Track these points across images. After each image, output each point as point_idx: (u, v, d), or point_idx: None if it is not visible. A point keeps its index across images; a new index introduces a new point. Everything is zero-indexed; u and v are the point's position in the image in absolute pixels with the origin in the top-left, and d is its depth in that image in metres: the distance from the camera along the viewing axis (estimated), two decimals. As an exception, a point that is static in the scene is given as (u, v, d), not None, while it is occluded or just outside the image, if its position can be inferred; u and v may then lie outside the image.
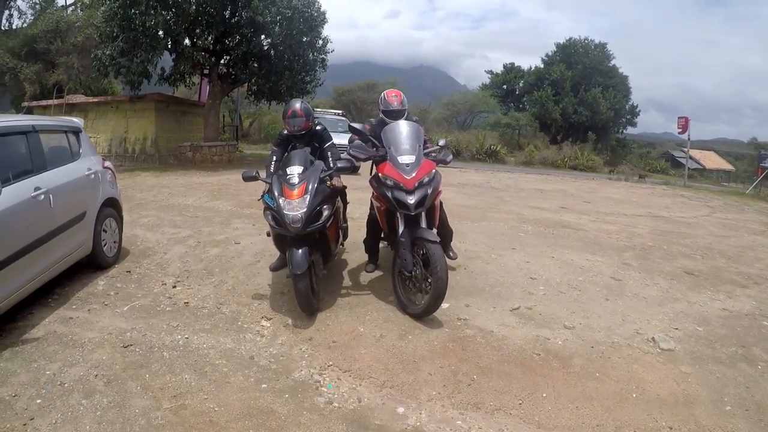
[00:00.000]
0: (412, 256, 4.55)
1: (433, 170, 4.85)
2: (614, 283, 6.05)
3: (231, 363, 3.70)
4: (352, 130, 5.46)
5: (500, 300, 5.25)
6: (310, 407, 3.24)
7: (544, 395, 3.57)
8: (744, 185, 29.62)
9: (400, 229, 4.66)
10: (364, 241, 5.79)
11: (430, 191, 4.66)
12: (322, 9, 17.49)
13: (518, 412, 3.37)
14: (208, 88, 18.62)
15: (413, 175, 4.66)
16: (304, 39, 17.12)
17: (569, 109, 40.61)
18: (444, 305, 4.82)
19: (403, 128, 5.03)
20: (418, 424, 3.16)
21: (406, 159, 4.77)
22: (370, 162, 5.53)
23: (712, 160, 50.54)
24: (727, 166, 49.80)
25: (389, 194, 4.61)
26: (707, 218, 13.03)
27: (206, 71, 18.17)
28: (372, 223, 5.55)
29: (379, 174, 4.82)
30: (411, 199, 4.56)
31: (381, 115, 5.51)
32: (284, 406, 3.24)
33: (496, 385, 3.64)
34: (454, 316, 4.73)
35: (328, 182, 4.73)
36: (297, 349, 3.95)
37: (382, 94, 5.62)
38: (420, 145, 4.94)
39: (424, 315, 4.50)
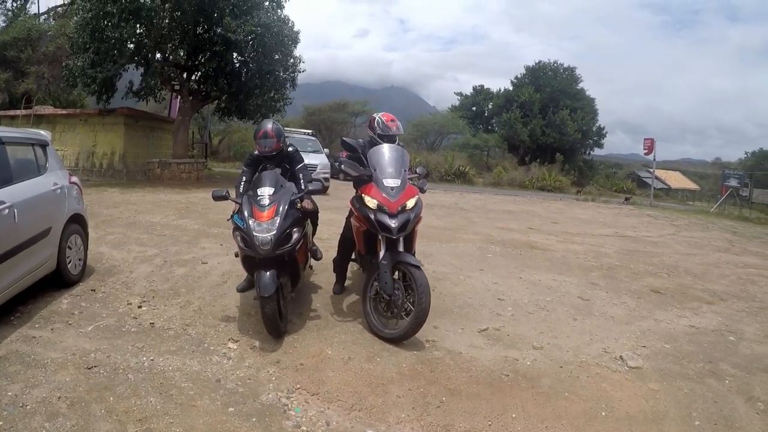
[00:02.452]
0: (392, 280, 4.52)
1: (417, 196, 4.89)
2: (582, 303, 6.12)
3: (197, 386, 3.62)
4: (344, 145, 5.47)
5: (468, 321, 5.27)
6: (278, 431, 3.19)
7: (514, 416, 3.57)
8: (709, 204, 30.49)
9: (381, 252, 4.62)
10: (334, 261, 5.72)
11: (412, 216, 4.69)
12: (295, 28, 17.56)
13: (488, 434, 3.36)
14: (178, 104, 18.47)
15: (397, 198, 4.67)
16: (276, 57, 17.13)
17: (537, 131, 41.47)
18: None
19: (389, 151, 5.02)
20: (387, 447, 3.12)
21: (391, 182, 4.78)
22: (350, 182, 5.65)
23: (678, 180, 51.81)
24: (692, 186, 51.13)
25: (372, 216, 4.59)
26: (673, 237, 13.34)
27: (177, 87, 18.03)
28: (345, 243, 5.49)
29: (363, 195, 4.78)
30: (394, 223, 4.55)
31: (374, 137, 5.36)
32: (252, 430, 3.17)
33: (465, 406, 3.63)
34: (423, 337, 4.70)
35: (299, 204, 4.69)
36: (264, 371, 3.89)
37: (379, 118, 5.44)
38: (405, 170, 4.96)
39: (403, 339, 4.46)
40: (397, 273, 4.60)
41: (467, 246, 9.26)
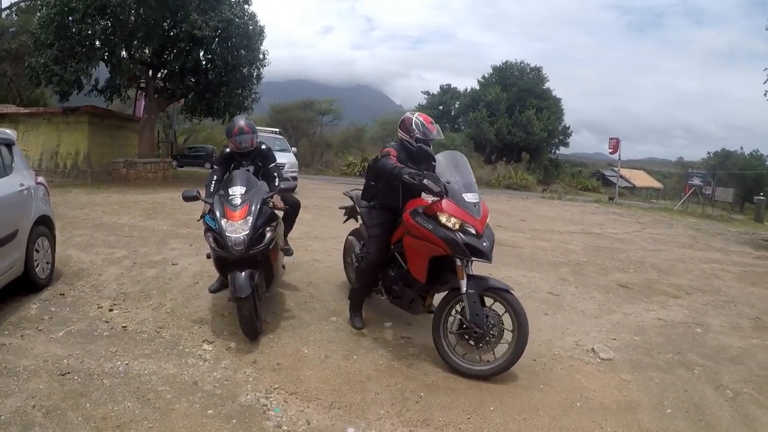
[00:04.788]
0: (483, 310, 4.06)
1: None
2: (552, 298, 6.24)
3: (174, 389, 3.58)
4: (387, 151, 4.66)
5: None
6: None
7: (491, 409, 3.64)
8: (672, 202, 31.30)
9: (464, 281, 4.05)
10: (353, 291, 5.05)
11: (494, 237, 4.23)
12: (260, 24, 17.44)
13: (467, 427, 3.42)
14: (143, 102, 18.18)
15: (481, 216, 4.16)
16: (242, 53, 17.00)
17: (504, 130, 41.93)
18: (387, 324, 4.90)
19: (462, 160, 4.48)
20: (368, 444, 3.14)
21: (471, 197, 4.19)
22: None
23: (642, 179, 53.01)
24: (656, 184, 52.40)
25: (457, 238, 3.98)
26: (638, 234, 13.66)
27: (143, 85, 17.74)
28: (370, 270, 4.76)
29: (438, 213, 4.09)
30: (485, 245, 4.07)
31: (409, 141, 4.70)
32: (232, 431, 3.16)
33: (443, 401, 3.69)
34: (398, 334, 4.77)
35: (271, 203, 4.65)
36: (241, 372, 3.87)
37: (417, 119, 4.72)
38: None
39: (500, 373, 4.05)
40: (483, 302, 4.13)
41: (437, 245, 9.31)
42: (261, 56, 18.18)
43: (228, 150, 5.26)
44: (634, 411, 3.82)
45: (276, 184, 4.97)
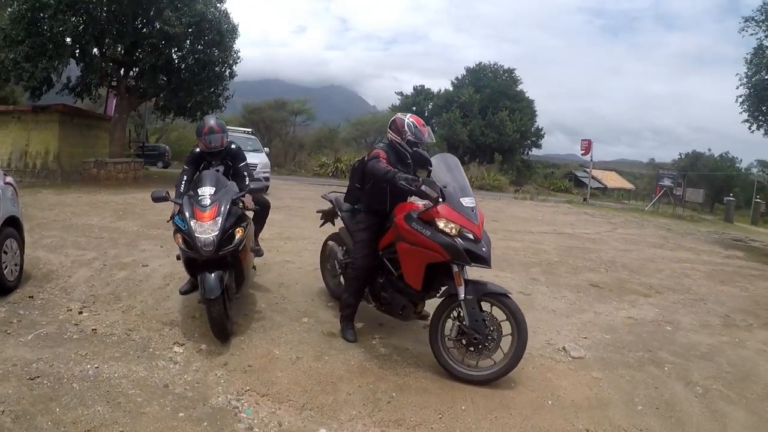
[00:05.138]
0: (481, 316, 4.01)
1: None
2: (523, 298, 6.29)
3: (145, 392, 3.53)
4: (376, 153, 4.53)
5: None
6: None
7: (463, 408, 3.68)
8: (643, 203, 31.89)
9: (462, 287, 3.99)
10: (344, 300, 4.74)
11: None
12: (233, 22, 17.33)
13: (439, 426, 3.44)
14: (115, 101, 17.92)
15: (479, 221, 4.10)
16: (215, 51, 16.87)
17: (477, 131, 42.24)
18: (358, 325, 4.88)
19: (455, 163, 4.43)
20: (340, 444, 3.15)
21: (468, 201, 4.13)
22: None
23: (614, 180, 53.78)
24: (628, 185, 53.22)
25: (456, 244, 3.91)
26: (610, 234, 13.87)
27: (114, 83, 17.48)
28: (361, 277, 4.61)
29: (436, 218, 4.02)
30: (484, 250, 4.01)
31: (400, 143, 4.61)
32: None
33: (415, 400, 3.71)
34: (369, 335, 4.78)
35: (241, 204, 4.63)
36: (212, 374, 3.84)
37: (409, 120, 4.63)
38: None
39: (499, 378, 4.03)
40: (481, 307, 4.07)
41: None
42: (234, 55, 18.08)
43: (198, 150, 5.22)
44: (605, 408, 3.89)
45: (246, 184, 4.94)
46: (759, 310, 7.45)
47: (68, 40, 14.94)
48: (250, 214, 5.07)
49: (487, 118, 42.78)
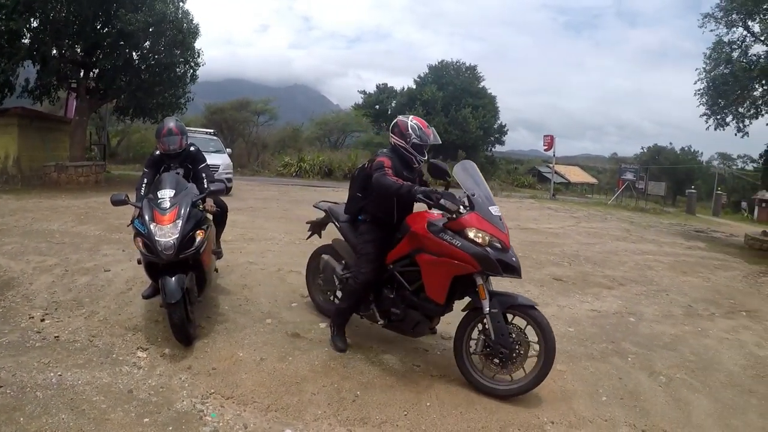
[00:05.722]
0: (507, 329, 3.90)
1: None
2: (487, 293, 6.37)
3: (109, 399, 3.49)
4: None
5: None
6: None
7: (428, 404, 3.72)
8: (606, 196, 32.45)
9: (486, 300, 3.87)
10: (340, 310, 4.57)
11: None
12: (194, 21, 17.11)
13: (405, 423, 3.48)
14: (75, 103, 17.52)
15: (506, 230, 3.98)
16: (176, 51, 16.64)
17: (440, 129, 42.37)
18: (322, 325, 4.91)
19: (474, 170, 4.24)
20: (306, 444, 3.16)
21: (495, 210, 3.99)
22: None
23: (577, 174, 54.55)
24: (591, 180, 54.07)
25: (489, 254, 3.78)
26: (573, 228, 14.10)
27: (74, 85, 17.10)
28: (363, 289, 4.38)
29: (465, 228, 3.87)
30: (514, 259, 3.88)
31: (405, 147, 4.42)
32: None
33: (380, 398, 3.74)
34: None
35: (201, 206, 4.59)
36: (176, 378, 3.81)
37: (412, 123, 4.43)
38: None
39: (528, 391, 3.91)
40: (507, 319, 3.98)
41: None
42: (195, 55, 17.85)
43: (157, 152, 5.17)
44: (569, 400, 3.98)
45: (205, 186, 4.90)
46: (721, 300, 7.68)
47: (25, 41, 14.55)
48: (211, 217, 5.04)
49: (450, 116, 43.05)
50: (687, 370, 4.80)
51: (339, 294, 4.97)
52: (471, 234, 3.82)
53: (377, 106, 48.12)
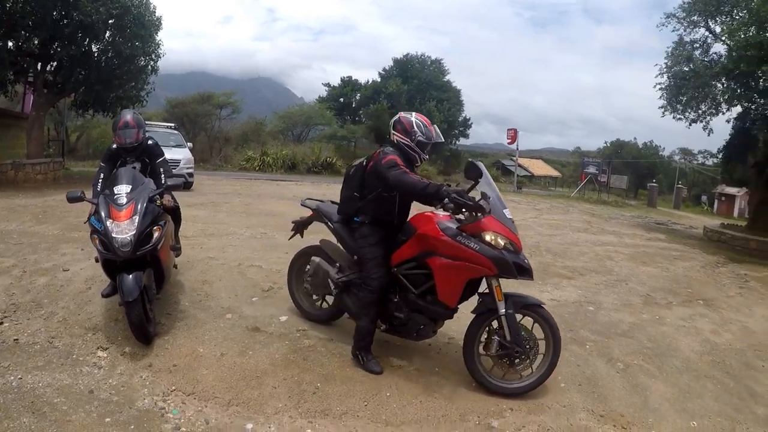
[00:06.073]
0: (520, 329, 3.97)
1: None
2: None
3: (70, 400, 3.46)
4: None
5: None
6: None
7: (388, 394, 3.79)
8: (570, 189, 33.00)
9: (502, 301, 3.92)
10: (363, 329, 4.22)
11: None
12: (157, 13, 16.81)
13: (365, 413, 3.55)
14: (32, 98, 17.07)
15: (518, 232, 4.02)
16: (137, 44, 16.33)
17: None
18: (282, 318, 4.95)
19: (485, 170, 4.12)
20: (268, 437, 3.20)
21: (508, 213, 4.00)
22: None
23: (540, 168, 55.31)
24: (554, 173, 54.90)
25: (506, 257, 3.81)
26: (535, 220, 14.34)
27: (31, 79, 16.65)
28: (376, 301, 4.19)
29: (484, 231, 3.85)
30: (526, 261, 3.93)
31: (409, 145, 4.29)
32: None
33: (340, 390, 3.80)
34: (294, 327, 4.82)
35: (159, 201, 4.53)
36: (137, 377, 3.80)
37: (417, 120, 4.35)
38: None
39: (537, 387, 4.03)
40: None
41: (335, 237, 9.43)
42: (156, 47, 17.49)
43: (114, 146, 5.08)
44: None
45: (162, 181, 4.85)
46: (678, 289, 7.93)
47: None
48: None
49: (415, 109, 42.90)
50: (644, 357, 4.97)
51: (338, 297, 4.67)
52: (488, 237, 3.82)
53: (341, 99, 47.92)
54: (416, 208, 4.34)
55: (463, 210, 3.89)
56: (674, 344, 5.47)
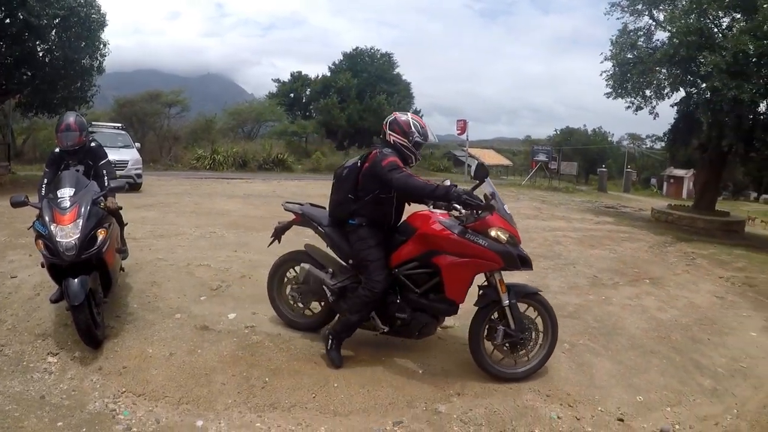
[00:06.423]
0: (522, 317, 4.19)
1: None
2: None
3: (21, 406, 3.48)
4: (393, 162, 4.15)
5: None
6: None
7: (336, 385, 3.91)
8: (521, 177, 33.61)
9: (506, 293, 4.13)
10: (351, 323, 4.28)
11: None
12: (102, 10, 16.40)
13: (314, 405, 3.66)
14: (-24, 101, 16.53)
15: (515, 225, 4.21)
16: (82, 44, 15.96)
17: (355, 116, 42.43)
18: (231, 315, 5.01)
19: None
20: (218, 433, 3.28)
21: (507, 207, 4.20)
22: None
23: (491, 157, 55.95)
24: (505, 162, 55.73)
25: (512, 251, 4.03)
26: (485, 209, 14.58)
27: (-27, 81, 16.11)
28: (375, 302, 4.20)
29: (490, 228, 4.01)
30: (526, 253, 4.15)
31: (406, 145, 4.34)
32: None
33: (288, 383, 3.89)
34: (242, 324, 4.87)
35: (103, 204, 4.52)
36: (88, 380, 3.83)
37: (413, 120, 4.41)
38: None
39: (537, 370, 4.28)
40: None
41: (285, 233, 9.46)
42: (102, 46, 17.09)
43: (57, 150, 5.06)
44: (475, 372, 4.22)
45: (105, 184, 4.84)
46: (626, 269, 8.23)
47: None
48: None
49: (365, 102, 43.08)
50: (590, 336, 5.18)
51: (339, 304, 4.52)
52: (493, 233, 3.98)
53: (292, 95, 47.56)
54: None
55: (465, 209, 4.03)
56: (620, 323, 5.67)
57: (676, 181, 44.16)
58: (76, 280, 4.04)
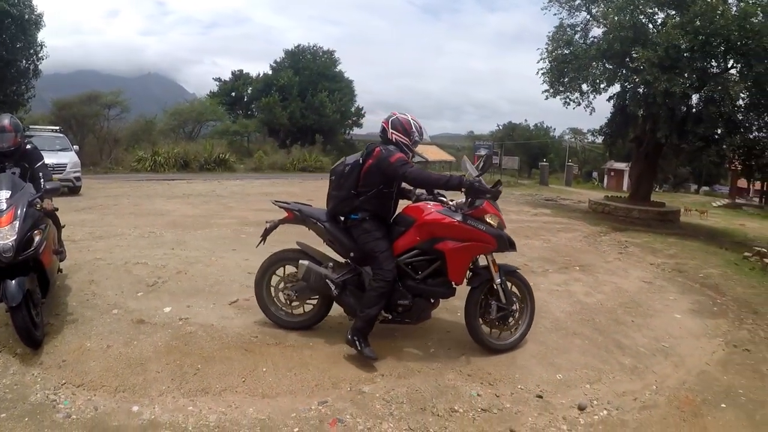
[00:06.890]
0: (510, 292, 4.73)
1: None
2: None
3: (-35, 403, 3.58)
4: (402, 158, 4.46)
5: (220, 296, 5.72)
6: (51, 424, 3.36)
7: (264, 370, 4.16)
8: (465, 173, 34.22)
9: (497, 272, 4.62)
10: (371, 317, 4.42)
11: None
12: (38, 11, 16.11)
13: (243, 389, 3.90)
14: None
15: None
16: (18, 45, 15.64)
17: (297, 114, 42.44)
18: (166, 309, 5.20)
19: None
20: (152, 417, 3.50)
21: None
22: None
23: (435, 153, 56.54)
24: (449, 157, 56.41)
25: (503, 234, 4.54)
26: (428, 204, 14.92)
27: None
28: (388, 291, 4.41)
29: (486, 214, 4.47)
30: (510, 236, 4.63)
31: (408, 145, 4.64)
32: (25, 428, 3.31)
33: (219, 369, 4.12)
34: (176, 317, 5.07)
35: (39, 205, 4.57)
36: (29, 375, 3.95)
37: (414, 121, 4.67)
38: None
39: (525, 336, 4.90)
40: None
41: (222, 230, 9.68)
42: (38, 48, 16.77)
43: None
44: (401, 353, 4.57)
45: (41, 186, 4.90)
46: (557, 257, 8.64)
47: None
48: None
49: (307, 100, 43.16)
50: (514, 321, 5.53)
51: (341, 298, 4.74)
52: (488, 219, 4.45)
53: (233, 94, 47.17)
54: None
55: (478, 196, 4.46)
56: (545, 307, 5.93)
57: (616, 174, 45.50)
58: (13, 281, 4.09)
